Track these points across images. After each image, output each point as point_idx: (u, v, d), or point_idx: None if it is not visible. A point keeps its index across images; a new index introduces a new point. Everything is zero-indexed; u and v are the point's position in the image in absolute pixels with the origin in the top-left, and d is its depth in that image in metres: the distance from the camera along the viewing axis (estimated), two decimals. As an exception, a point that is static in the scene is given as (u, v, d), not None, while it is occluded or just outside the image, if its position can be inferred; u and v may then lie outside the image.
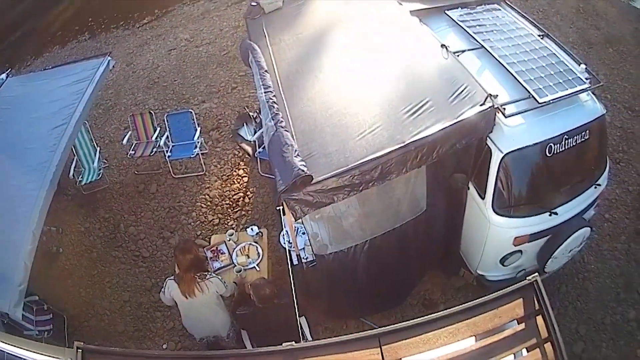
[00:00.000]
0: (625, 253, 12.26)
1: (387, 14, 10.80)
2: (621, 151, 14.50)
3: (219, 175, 13.61)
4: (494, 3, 11.19)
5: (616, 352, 10.63)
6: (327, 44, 10.48)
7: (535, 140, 8.47)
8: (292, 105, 9.09)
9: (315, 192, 7.66)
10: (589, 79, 9.22)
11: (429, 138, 7.90)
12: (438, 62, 9.17)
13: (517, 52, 9.42)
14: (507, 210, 8.88)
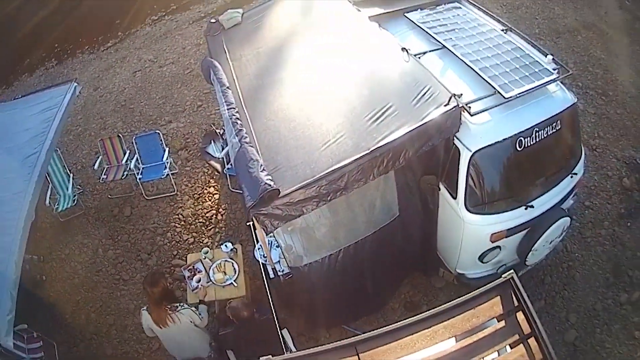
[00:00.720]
0: (610, 238, 12.27)
1: (346, 21, 10.77)
2: (597, 137, 14.54)
3: (191, 194, 13.58)
4: (454, 1, 11.19)
5: (611, 336, 10.63)
6: (288, 56, 10.43)
7: (504, 135, 8.41)
8: (256, 120, 9.03)
9: (283, 205, 7.59)
10: (556, 69, 9.20)
11: (394, 143, 7.83)
12: (399, 66, 9.13)
13: (480, 48, 9.42)
14: (481, 207, 8.84)
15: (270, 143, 8.57)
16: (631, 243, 12.24)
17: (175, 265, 11.79)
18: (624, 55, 17.74)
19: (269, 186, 7.37)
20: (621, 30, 18.88)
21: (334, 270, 9.18)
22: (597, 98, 15.74)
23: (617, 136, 14.68)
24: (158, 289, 8.52)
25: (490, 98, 8.46)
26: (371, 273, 9.73)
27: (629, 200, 13.08)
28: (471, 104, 8.27)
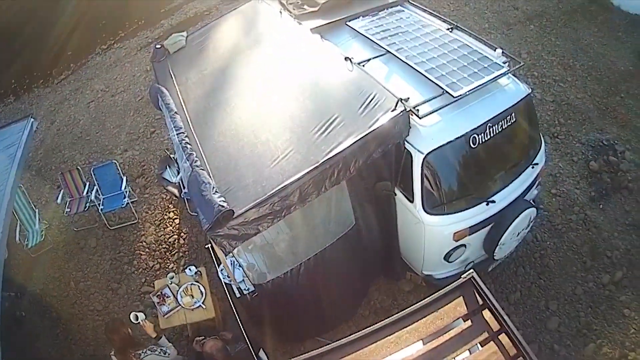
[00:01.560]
0: (583, 222, 12.31)
1: (288, 36, 10.81)
2: (558, 124, 14.61)
3: (152, 220, 13.56)
4: (396, 5, 11.18)
5: (598, 317, 10.70)
6: (232, 76, 10.44)
7: (456, 135, 8.43)
8: (205, 143, 9.03)
9: (239, 225, 7.57)
10: (507, 62, 9.20)
11: (342, 153, 7.82)
12: (343, 76, 9.15)
13: (426, 50, 9.43)
14: (440, 208, 8.84)
15: (221, 164, 8.57)
16: (606, 225, 12.30)
17: (145, 292, 11.78)
18: (580, 39, 17.83)
19: (222, 208, 7.36)
20: (575, 14, 18.97)
21: (298, 283, 9.14)
22: (554, 85, 15.83)
23: (580, 120, 14.74)
24: (119, 336, 8.44)
25: (439, 99, 8.46)
26: (336, 283, 9.73)
27: (599, 182, 13.13)
28: (419, 106, 8.25)
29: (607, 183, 13.19)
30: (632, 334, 10.47)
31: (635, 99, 15.68)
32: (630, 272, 11.47)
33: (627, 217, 12.54)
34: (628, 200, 12.93)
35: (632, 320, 10.67)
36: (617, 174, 13.36)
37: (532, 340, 10.36)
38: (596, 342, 10.34)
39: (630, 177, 13.31)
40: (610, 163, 13.60)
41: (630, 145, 14.16)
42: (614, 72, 16.53)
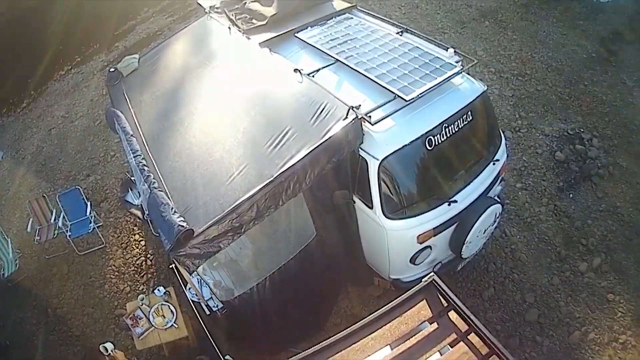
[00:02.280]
0: (553, 213, 12.42)
1: (237, 51, 10.86)
2: (519, 118, 14.70)
3: (119, 244, 13.57)
4: (345, 13, 11.25)
5: (580, 305, 10.80)
6: (184, 95, 10.49)
7: (410, 138, 8.41)
8: (161, 164, 9.09)
9: (199, 244, 7.59)
10: (459, 62, 9.25)
11: (296, 166, 7.84)
12: (293, 88, 9.16)
13: (376, 55, 9.46)
14: (401, 212, 8.83)
15: (178, 184, 8.62)
16: (578, 213, 12.40)
17: (119, 315, 11.79)
18: (538, 32, 17.96)
19: (182, 227, 7.41)
20: (532, 6, 19.11)
21: (266, 297, 9.16)
22: (513, 80, 15.93)
23: (542, 112, 14.84)
24: None
25: (391, 104, 8.48)
26: (304, 294, 9.76)
27: (566, 172, 13.23)
28: (371, 113, 8.25)
29: (576, 172, 13.27)
30: (620, 317, 10.58)
31: (600, 85, 15.80)
32: (609, 257, 11.59)
33: (600, 204, 12.65)
34: (599, 187, 13.03)
35: (617, 304, 10.78)
36: (586, 162, 13.44)
37: (512, 334, 10.47)
38: (581, 329, 10.41)
39: (599, 163, 13.41)
40: (577, 152, 13.68)
41: (598, 132, 14.27)
42: (576, 61, 16.66)
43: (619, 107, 15.44)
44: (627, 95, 15.91)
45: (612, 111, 15.26)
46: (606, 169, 13.43)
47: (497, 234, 11.82)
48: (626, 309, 10.72)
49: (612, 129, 14.68)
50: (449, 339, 6.15)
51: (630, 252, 11.77)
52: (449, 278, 10.80)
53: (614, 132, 14.58)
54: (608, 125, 14.76)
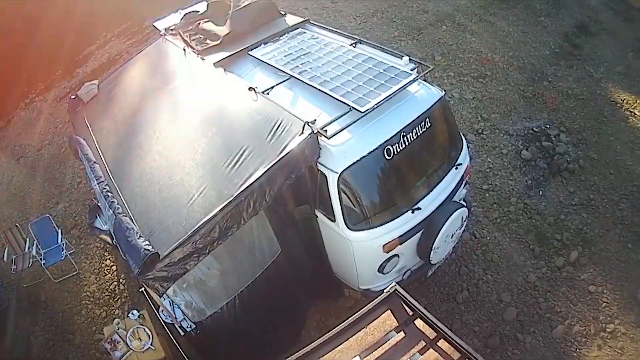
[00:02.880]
0: (523, 212, 12.54)
1: (192, 73, 10.94)
2: (482, 120, 14.80)
3: (91, 270, 13.66)
4: (298, 28, 11.35)
5: (560, 299, 10.92)
6: (142, 119, 10.58)
7: (368, 149, 8.44)
8: (124, 189, 9.19)
9: (166, 267, 7.67)
10: (415, 69, 9.33)
11: (255, 184, 7.92)
12: (249, 106, 9.23)
13: (329, 69, 9.54)
14: (364, 223, 8.84)
15: (141, 209, 8.71)
16: (549, 209, 12.55)
17: (98, 340, 11.81)
18: (497, 32, 18.11)
19: (148, 251, 7.49)
20: (491, 7, 19.30)
21: (237, 315, 9.25)
22: (473, 82, 16.02)
23: (505, 112, 14.98)
24: None
25: (347, 116, 8.52)
26: (274, 310, 9.82)
27: (534, 170, 13.37)
28: (327, 127, 8.32)
29: (544, 169, 13.39)
30: (605, 307, 10.72)
31: (565, 80, 15.99)
32: (587, 249, 11.74)
33: (573, 198, 12.80)
34: (570, 181, 13.20)
35: (600, 295, 10.93)
36: (554, 157, 13.56)
37: (491, 334, 10.56)
38: (564, 323, 10.53)
39: (569, 158, 13.55)
40: (544, 149, 13.81)
41: (565, 127, 14.43)
42: (538, 58, 16.82)
43: (586, 100, 15.59)
44: (595, 87, 16.09)
45: (579, 105, 15.40)
46: (576, 163, 13.55)
47: (467, 237, 11.90)
48: (611, 299, 10.86)
49: (580, 122, 14.83)
50: (418, 346, 6.21)
51: (609, 242, 11.92)
52: (420, 284, 11.08)
53: (583, 126, 14.73)
54: (576, 120, 14.89)
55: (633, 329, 10.44)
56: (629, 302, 10.86)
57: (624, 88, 16.45)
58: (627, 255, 11.70)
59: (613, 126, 14.96)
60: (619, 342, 10.25)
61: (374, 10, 20.07)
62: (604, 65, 17.09)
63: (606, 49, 18.04)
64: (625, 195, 12.99)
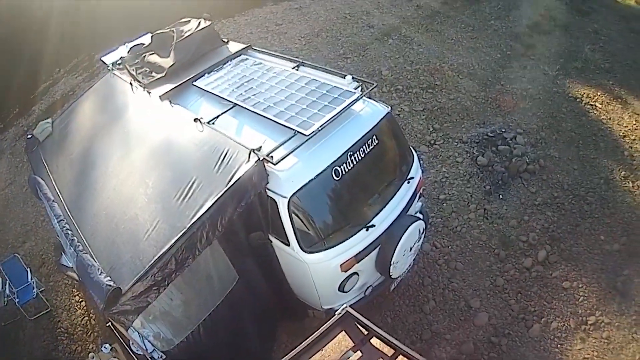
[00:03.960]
0: (484, 217, 12.81)
1: (140, 107, 11.15)
2: (433, 131, 15.06)
3: (63, 306, 13.83)
4: (240, 54, 11.62)
5: (533, 299, 11.17)
6: (95, 156, 10.80)
7: (316, 172, 8.62)
8: (83, 227, 9.47)
9: (129, 300, 7.97)
10: (358, 87, 9.57)
11: (206, 215, 8.16)
12: (195, 138, 9.40)
13: (273, 94, 9.74)
14: (319, 245, 8.99)
15: (101, 245, 9.00)
16: (511, 212, 12.83)
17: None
18: (445, 40, 18.45)
19: (110, 287, 7.79)
20: (437, 15, 19.67)
21: (204, 342, 9.50)
22: (423, 93, 16.26)
23: (458, 120, 15.24)
24: None
25: (292, 140, 8.72)
26: (240, 335, 10.08)
27: (492, 175, 13.65)
28: (273, 152, 8.50)
29: (502, 172, 13.66)
30: (583, 301, 10.98)
31: (519, 82, 16.35)
32: (556, 247, 12.00)
33: (536, 198, 13.09)
34: (531, 181, 13.48)
35: (576, 290, 11.19)
36: (512, 160, 13.83)
37: (464, 340, 10.77)
38: (540, 321, 10.74)
39: (528, 159, 13.83)
40: (501, 152, 14.09)
41: (521, 129, 14.74)
42: (490, 63, 17.17)
43: (542, 99, 15.93)
44: (551, 85, 16.45)
45: (535, 105, 15.73)
46: (536, 163, 13.82)
47: (427, 248, 12.10)
48: (588, 292, 11.11)
49: (537, 122, 15.13)
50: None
51: (580, 237, 12.19)
52: (385, 299, 11.29)
53: (540, 125, 15.04)
54: (533, 120, 15.19)
55: (617, 317, 10.71)
56: (609, 292, 11.12)
57: (582, 82, 16.76)
58: (601, 247, 11.99)
59: (573, 122, 15.25)
60: (603, 332, 10.49)
61: (318, 29, 20.39)
62: (560, 62, 17.41)
63: (561, 46, 18.38)
64: (592, 188, 13.27)
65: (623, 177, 13.57)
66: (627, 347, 10.35)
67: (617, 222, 12.53)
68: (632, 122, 15.31)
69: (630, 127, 15.16)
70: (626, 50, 18.54)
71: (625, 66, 17.82)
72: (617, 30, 19.91)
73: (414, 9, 20.30)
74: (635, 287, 11.21)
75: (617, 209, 12.86)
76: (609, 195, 13.17)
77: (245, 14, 23.06)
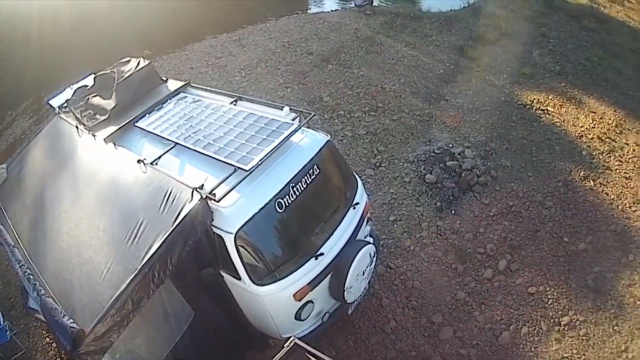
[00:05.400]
0: (437, 234, 13.39)
1: (86, 150, 11.61)
2: (379, 153, 15.61)
3: (36, 348, 14.19)
4: (179, 93, 12.17)
5: (498, 307, 11.70)
6: (48, 201, 11.26)
7: (259, 206, 9.06)
8: (43, 271, 10.02)
9: (93, 340, 8.42)
10: (296, 118, 10.12)
11: (156, 255, 8.66)
12: (139, 179, 9.84)
13: (212, 131, 10.25)
14: (270, 277, 9.42)
15: (62, 288, 9.51)
16: (465, 226, 13.45)
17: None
18: (386, 61, 19.16)
19: (74, 329, 8.35)
20: (377, 37, 20.39)
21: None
22: (365, 117, 16.84)
23: (403, 140, 15.86)
24: None
25: (233, 176, 9.17)
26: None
27: (442, 191, 14.24)
28: (215, 190, 8.92)
29: (453, 188, 14.25)
30: (552, 303, 11.55)
31: (464, 95, 17.13)
32: (516, 255, 12.59)
33: (490, 209, 13.74)
34: (484, 193, 14.14)
35: (543, 294, 11.76)
36: (462, 174, 14.43)
37: (430, 355, 11.22)
38: (509, 328, 11.25)
39: (478, 172, 14.46)
40: (449, 168, 14.70)
41: (469, 142, 15.40)
42: (433, 79, 17.90)
43: (490, 110, 16.63)
44: (499, 95, 17.18)
45: (483, 117, 16.40)
46: (487, 175, 14.48)
47: (381, 270, 12.56)
48: (557, 294, 11.69)
49: (486, 134, 15.80)
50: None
51: (541, 242, 12.82)
52: (345, 322, 11.70)
53: (489, 136, 15.71)
54: (481, 132, 15.87)
55: (594, 314, 11.30)
56: (580, 291, 11.72)
57: (531, 88, 17.55)
58: (565, 249, 12.63)
59: (524, 129, 15.95)
60: (580, 330, 11.02)
61: (257, 60, 20.99)
62: (507, 70, 18.20)
63: (508, 54, 19.18)
64: (550, 193, 13.94)
65: (583, 177, 14.30)
66: (609, 341, 10.94)
67: (581, 222, 13.19)
68: (589, 121, 16.11)
69: (586, 126, 15.95)
70: (578, 50, 19.45)
71: (577, 66, 18.71)
72: (568, 30, 20.85)
73: (353, 32, 20.96)
74: (609, 282, 11.85)
75: (579, 209, 13.53)
76: (569, 197, 13.83)
77: (185, 49, 23.67)
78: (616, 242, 12.81)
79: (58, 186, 11.42)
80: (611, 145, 15.58)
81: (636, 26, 24.21)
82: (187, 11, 26.22)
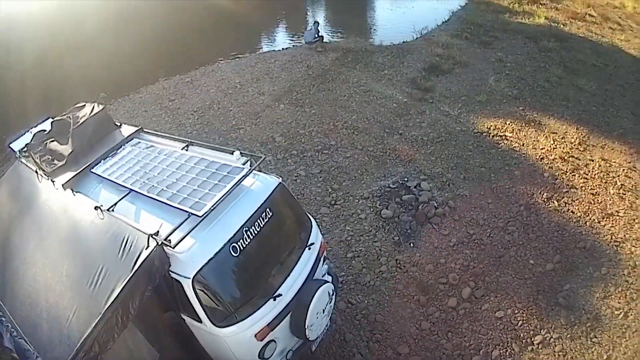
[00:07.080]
0: (397, 267, 13.91)
1: (46, 196, 11.92)
2: (333, 191, 16.22)
3: (14, 387, 14.71)
4: (132, 138, 12.67)
5: (466, 334, 12.14)
6: (13, 246, 11.71)
7: (214, 251, 9.45)
8: (14, 314, 10.55)
9: (66, 382, 8.75)
10: (247, 162, 10.58)
11: (117, 300, 8.88)
12: (97, 225, 10.21)
13: (165, 177, 10.77)
14: (230, 318, 9.75)
15: (32, 331, 9.97)
16: (426, 257, 14.03)
17: None
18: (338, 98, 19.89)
19: (46, 371, 8.90)
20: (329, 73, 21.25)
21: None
22: (318, 155, 17.45)
23: (357, 177, 16.45)
24: None
25: (187, 222, 9.58)
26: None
27: (400, 225, 14.87)
28: (170, 236, 9.32)
29: (410, 221, 14.91)
30: (522, 324, 12.06)
31: (418, 128, 17.80)
32: (480, 281, 13.10)
33: (450, 239, 14.37)
34: (443, 224, 14.77)
35: (511, 317, 12.24)
36: (419, 207, 15.14)
37: None
38: (479, 353, 11.73)
39: (435, 203, 15.20)
40: (405, 202, 15.42)
41: (425, 174, 16.09)
42: (386, 114, 18.60)
43: (445, 140, 17.31)
44: (454, 125, 17.90)
45: (438, 148, 17.09)
46: (445, 206, 15.15)
47: (342, 307, 13.00)
48: (527, 315, 12.17)
49: (442, 165, 16.50)
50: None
51: (505, 267, 13.36)
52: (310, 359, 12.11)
53: (446, 167, 16.38)
54: (436, 164, 16.56)
55: (568, 329, 11.82)
56: (552, 309, 12.24)
57: (488, 116, 18.30)
58: (532, 271, 13.20)
59: (482, 157, 16.66)
60: (555, 347, 11.56)
61: (210, 102, 21.69)
62: (462, 99, 18.98)
63: (462, 82, 20.01)
64: (512, 218, 14.57)
65: (546, 198, 14.99)
66: (588, 352, 11.48)
67: (547, 243, 13.83)
68: (549, 143, 16.85)
69: (547, 147, 16.68)
70: (536, 72, 20.30)
71: (536, 88, 19.57)
72: (525, 53, 21.73)
73: (305, 70, 21.66)
74: (582, 297, 12.42)
75: (543, 231, 14.18)
76: (532, 220, 14.47)
77: (140, 91, 24.28)
78: (586, 258, 13.48)
79: (22, 230, 11.78)
80: (575, 164, 16.34)
81: (599, 39, 25.23)
82: (141, 53, 27.02)
